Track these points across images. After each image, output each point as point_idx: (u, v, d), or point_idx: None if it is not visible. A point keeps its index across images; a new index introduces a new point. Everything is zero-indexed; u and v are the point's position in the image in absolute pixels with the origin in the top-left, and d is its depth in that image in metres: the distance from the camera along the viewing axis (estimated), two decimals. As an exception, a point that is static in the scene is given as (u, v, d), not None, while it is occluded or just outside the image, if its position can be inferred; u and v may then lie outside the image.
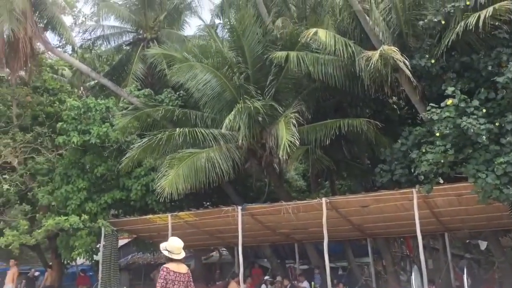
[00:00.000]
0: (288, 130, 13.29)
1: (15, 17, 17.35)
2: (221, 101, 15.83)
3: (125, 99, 18.46)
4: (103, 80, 20.21)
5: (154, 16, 21.94)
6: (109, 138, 16.90)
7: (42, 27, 20.00)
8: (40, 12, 19.65)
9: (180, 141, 14.84)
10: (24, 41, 18.00)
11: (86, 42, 23.07)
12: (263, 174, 17.17)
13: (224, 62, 15.96)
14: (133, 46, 22.18)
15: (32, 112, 19.98)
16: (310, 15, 17.07)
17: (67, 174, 17.66)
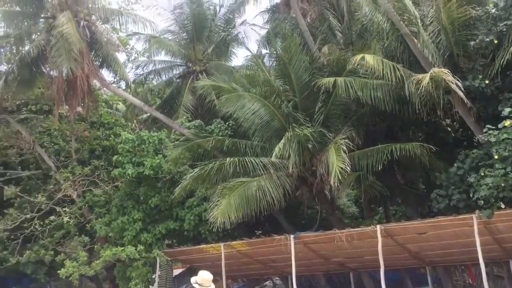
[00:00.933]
0: (338, 156, 13.15)
1: (73, 57, 18.23)
2: (270, 130, 15.94)
3: (176, 131, 18.97)
4: (155, 113, 20.86)
5: (203, 49, 22.60)
6: (162, 170, 17.31)
7: (98, 65, 21.00)
8: (96, 51, 20.67)
9: (231, 170, 14.96)
10: (81, 79, 18.93)
11: (139, 77, 24.04)
12: (315, 201, 17.02)
13: (272, 91, 16.09)
14: (183, 79, 22.85)
15: (90, 146, 20.86)
16: (356, 41, 17.02)
17: (123, 206, 18.15)
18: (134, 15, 21.08)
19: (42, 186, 19.95)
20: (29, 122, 21.26)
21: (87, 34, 19.79)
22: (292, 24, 19.39)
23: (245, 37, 23.80)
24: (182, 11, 22.73)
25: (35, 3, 19.79)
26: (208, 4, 23.46)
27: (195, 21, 22.27)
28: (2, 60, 21.27)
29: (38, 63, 20.01)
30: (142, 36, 22.97)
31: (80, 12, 19.63)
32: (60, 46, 18.06)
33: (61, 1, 19.53)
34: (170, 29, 23.34)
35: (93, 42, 20.37)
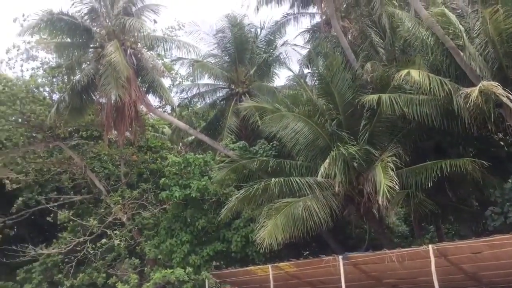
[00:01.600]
0: (386, 174, 12.90)
1: (121, 84, 18.83)
2: (314, 149, 15.86)
3: (221, 153, 19.18)
4: (200, 136, 21.21)
5: (245, 71, 22.92)
6: (208, 191, 17.49)
7: (144, 90, 21.63)
8: (142, 77, 21.32)
9: (276, 191, 14.94)
10: (129, 105, 19.52)
11: (184, 100, 24.61)
12: (362, 220, 16.70)
13: (315, 110, 16.06)
14: (226, 101, 23.18)
15: (138, 170, 21.38)
16: (399, 56, 16.79)
17: (171, 228, 18.40)
18: (178, 41, 21.63)
19: (94, 209, 20.55)
20: (81, 148, 22.05)
21: (133, 62, 20.47)
22: (333, 42, 19.41)
23: (287, 57, 24.02)
24: (224, 35, 23.24)
25: (85, 34, 20.65)
26: (249, 27, 23.92)
27: (237, 44, 22.70)
28: (55, 89, 22.27)
29: (88, 91, 20.81)
30: (186, 61, 23.55)
31: (126, 41, 20.34)
32: (108, 74, 18.72)
33: (109, 31, 20.30)
34: (213, 53, 23.88)
35: (139, 69, 21.03)
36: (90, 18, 20.66)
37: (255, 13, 23.51)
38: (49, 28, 20.08)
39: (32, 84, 21.34)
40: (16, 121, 21.50)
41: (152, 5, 20.97)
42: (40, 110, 20.79)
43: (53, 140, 21.44)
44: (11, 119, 21.12)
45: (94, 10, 20.41)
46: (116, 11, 20.20)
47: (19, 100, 20.38)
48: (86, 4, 20.25)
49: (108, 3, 20.44)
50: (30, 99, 20.79)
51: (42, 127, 21.05)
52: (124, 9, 20.32)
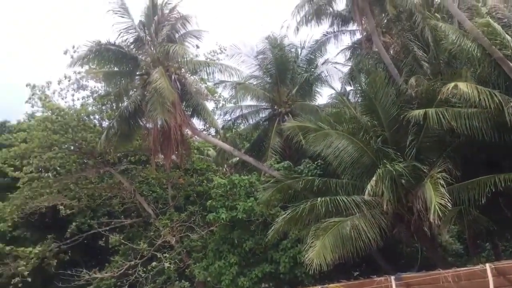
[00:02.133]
0: (436, 191, 12.53)
1: (166, 109, 19.32)
2: (360, 167, 15.62)
3: (266, 173, 19.21)
4: (244, 157, 21.38)
5: (287, 91, 23.01)
6: (254, 212, 17.52)
7: (189, 114, 22.09)
8: (187, 101, 21.81)
9: (323, 210, 14.74)
10: (175, 129, 19.98)
11: (227, 123, 24.93)
12: (414, 239, 16.21)
13: (359, 127, 15.85)
14: (269, 121, 23.30)
15: (185, 193, 21.75)
16: (444, 69, 16.44)
17: (219, 250, 18.49)
18: (220, 64, 22.06)
19: (143, 233, 20.99)
20: (129, 172, 22.67)
21: (178, 87, 20.97)
22: (375, 58, 19.26)
23: (328, 75, 23.94)
24: (265, 56, 23.51)
25: (131, 62, 21.41)
26: (289, 47, 24.07)
27: (278, 64, 22.89)
28: (104, 117, 23.08)
29: (135, 117, 21.45)
30: (228, 84, 23.90)
31: (171, 67, 20.93)
32: (154, 100, 19.25)
33: (154, 58, 20.96)
34: (255, 74, 24.15)
35: (184, 93, 21.52)
36: (136, 46, 21.41)
37: (295, 33, 23.71)
38: (98, 58, 20.91)
39: (83, 113, 22.22)
40: (69, 149, 22.40)
41: (194, 31, 21.54)
42: (91, 137, 21.58)
43: (104, 165, 22.16)
44: (64, 147, 22.04)
45: (139, 39, 21.14)
46: (160, 39, 20.84)
47: (71, 128, 21.24)
48: (132, 33, 21.03)
49: (153, 31, 21.11)
50: (81, 127, 21.64)
51: (93, 153, 21.83)
52: (167, 36, 20.93)
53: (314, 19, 22.40)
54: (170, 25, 21.19)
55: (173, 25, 21.29)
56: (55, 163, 21.34)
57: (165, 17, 21.48)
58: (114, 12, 20.53)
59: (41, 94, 21.72)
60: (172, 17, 21.54)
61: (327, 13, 22.92)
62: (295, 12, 22.41)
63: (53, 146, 21.33)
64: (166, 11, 21.60)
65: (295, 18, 22.70)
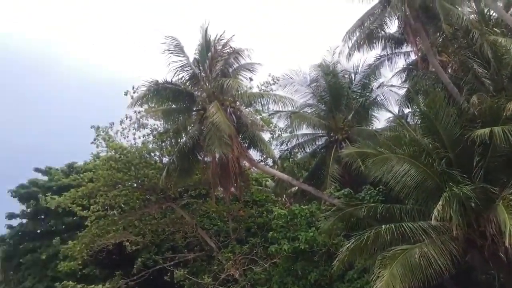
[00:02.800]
0: (510, 213, 11.84)
1: (224, 142, 19.62)
2: (424, 191, 15.07)
3: (326, 202, 18.91)
4: (303, 186, 21.22)
5: (343, 117, 22.79)
6: (317, 242, 17.23)
7: (246, 146, 22.28)
8: (243, 133, 22.04)
9: (388, 238, 14.22)
10: (232, 162, 20.21)
11: (284, 152, 24.89)
12: (489, 265, 15.26)
13: (421, 150, 15.37)
14: (326, 149, 23.07)
15: (245, 225, 21.80)
16: (508, 85, 15.73)
17: (283, 282, 18.24)
18: (274, 95, 22.26)
19: (207, 267, 21.13)
20: (191, 206, 23.06)
21: (234, 120, 21.31)
22: (433, 79, 18.78)
23: (384, 99, 23.57)
24: (318, 84, 23.51)
25: (187, 99, 22.04)
26: (342, 73, 23.95)
27: (332, 91, 22.79)
28: (164, 153, 23.73)
29: (194, 152, 21.88)
30: (283, 113, 23.97)
31: (226, 101, 21.33)
32: (212, 134, 19.62)
33: (209, 93, 21.45)
34: (309, 102, 24.13)
35: (240, 125, 21.79)
36: (192, 83, 22.05)
37: (347, 59, 23.58)
38: (156, 97, 21.67)
39: (144, 150, 22.97)
40: (132, 186, 23.14)
41: (247, 64, 21.91)
42: (152, 174, 22.21)
43: (165, 201, 22.68)
44: (128, 184, 22.78)
45: (194, 76, 21.76)
46: (215, 74, 21.37)
47: (134, 166, 22.00)
48: (187, 71, 21.69)
49: (207, 68, 21.69)
50: (143, 164, 22.35)
51: (155, 189, 22.42)
52: (221, 71, 21.43)
53: (366, 43, 22.20)
54: (223, 60, 21.69)
55: (226, 60, 21.78)
56: (120, 201, 22.09)
57: (218, 52, 22.03)
58: (169, 51, 21.31)
59: (105, 134, 22.71)
60: (225, 52, 22.05)
61: (379, 37, 22.68)
62: (346, 38, 22.35)
63: (118, 184, 22.13)
64: (219, 47, 22.14)
65: (346, 44, 22.66)
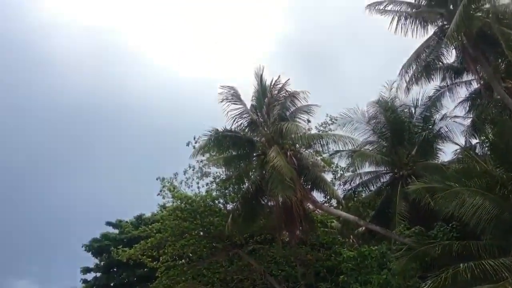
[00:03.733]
0: None
1: (286, 185, 19.57)
2: (502, 224, 14.34)
3: (397, 241, 18.21)
4: (370, 226, 20.64)
5: (406, 152, 22.18)
6: (391, 285, 16.50)
7: (308, 188, 22.11)
8: (305, 175, 21.92)
9: (468, 277, 13.44)
10: (296, 205, 20.03)
11: (348, 192, 24.35)
12: None
13: (494, 181, 14.72)
14: (391, 186, 22.40)
15: (314, 269, 21.28)
16: None
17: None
18: (333, 135, 22.14)
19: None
20: (257, 252, 22.93)
21: (294, 162, 21.26)
22: (499, 106, 18.06)
23: (448, 131, 22.81)
24: (378, 120, 23.16)
25: (247, 145, 22.37)
26: (401, 108, 23.52)
27: (392, 127, 22.38)
28: (228, 200, 23.98)
29: (257, 197, 21.97)
30: (344, 153, 23.65)
31: (285, 144, 21.44)
32: (274, 178, 19.66)
33: (268, 138, 21.69)
34: (369, 140, 23.72)
35: (301, 168, 21.71)
36: (250, 129, 22.43)
37: (405, 94, 23.24)
38: (217, 146, 22.14)
39: (208, 198, 23.34)
40: (198, 234, 23.41)
41: (304, 106, 22.13)
42: (218, 221, 22.44)
43: (232, 248, 22.72)
44: (194, 233, 23.10)
45: (253, 122, 22.15)
46: (272, 119, 21.68)
47: (199, 214, 22.37)
48: (245, 118, 22.14)
49: (264, 113, 22.08)
50: (208, 212, 22.67)
51: (221, 237, 22.58)
52: (279, 115, 21.73)
53: (424, 76, 21.89)
54: (280, 104, 22.04)
55: (283, 104, 22.11)
56: (188, 250, 22.39)
57: (275, 97, 22.41)
58: (227, 100, 21.92)
59: (170, 185, 23.35)
60: (281, 96, 22.42)
61: (437, 68, 22.31)
62: (402, 73, 22.16)
63: (184, 234, 22.50)
64: (275, 92, 22.55)
65: (403, 79, 22.41)
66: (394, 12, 22.40)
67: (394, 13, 22.37)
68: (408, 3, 22.59)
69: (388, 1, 22.49)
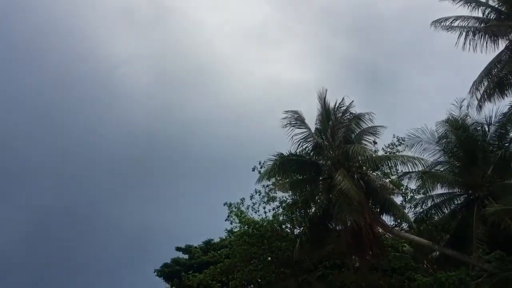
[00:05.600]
0: None
1: (354, 209, 19.16)
2: None
3: (475, 266, 17.22)
4: (446, 251, 19.69)
5: (481, 172, 21.15)
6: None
7: (377, 211, 21.49)
8: (373, 199, 21.35)
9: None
10: (365, 229, 19.50)
11: (419, 215, 23.43)
12: None
13: None
14: (467, 208, 21.38)
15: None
16: None
17: None
18: (401, 156, 21.48)
19: None
20: (326, 278, 22.43)
21: (362, 185, 20.79)
22: None
23: (529, 147, 21.47)
24: (448, 140, 22.29)
25: (313, 168, 22.17)
26: (474, 126, 22.50)
27: (464, 146, 21.47)
28: (295, 224, 23.78)
29: (324, 221, 21.62)
30: (413, 174, 22.85)
31: (352, 167, 21.07)
32: (341, 202, 19.33)
33: (334, 161, 21.40)
34: (440, 160, 22.80)
35: (369, 191, 21.18)
36: (316, 153, 22.21)
37: (477, 111, 22.24)
38: (282, 170, 22.10)
39: (275, 223, 23.28)
40: (266, 260, 23.33)
41: (370, 128, 21.71)
42: (285, 246, 22.30)
43: (301, 273, 22.42)
44: (262, 258, 23.05)
45: (318, 145, 21.94)
46: (338, 142, 21.39)
47: (266, 239, 22.32)
48: (310, 142, 22.00)
49: (329, 136, 21.82)
50: (275, 237, 22.60)
51: (289, 262, 22.38)
52: (344, 138, 21.42)
53: (496, 92, 20.89)
54: (345, 127, 21.73)
55: (347, 126, 21.79)
56: (256, 276, 22.34)
57: (339, 120, 22.15)
58: (291, 125, 21.91)
59: (237, 210, 23.54)
60: (345, 118, 22.12)
61: (511, 83, 21.21)
62: (473, 90, 21.31)
63: (253, 259, 22.49)
64: (339, 114, 22.31)
65: (474, 96, 21.53)
66: (461, 27, 21.73)
67: (462, 28, 21.70)
68: (476, 18, 21.83)
69: (455, 16, 21.85)
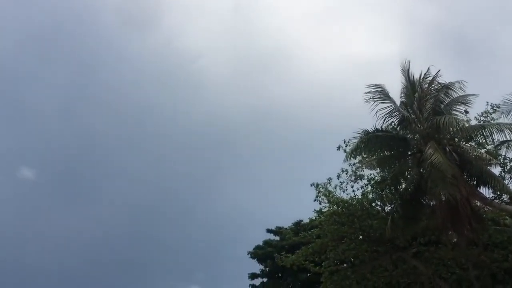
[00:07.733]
0: None
1: (448, 182, 18.31)
2: None
3: None
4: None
5: None
6: None
7: (473, 184, 20.39)
8: (468, 171, 20.24)
9: None
10: (462, 203, 18.61)
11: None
12: None
13: None
14: None
15: (489, 271, 19.54)
16: None
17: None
18: (497, 124, 20.17)
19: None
20: (422, 255, 21.77)
21: (455, 158, 19.82)
22: None
23: None
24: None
25: (400, 143, 21.43)
26: None
27: None
28: (385, 202, 23.24)
29: (416, 197, 20.87)
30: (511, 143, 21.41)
31: (443, 139, 20.11)
32: (433, 176, 18.56)
33: (423, 134, 20.52)
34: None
35: (462, 163, 20.14)
36: (402, 127, 21.45)
37: None
38: (368, 147, 21.59)
39: (365, 201, 22.90)
40: (358, 238, 23.09)
41: (460, 97, 20.58)
42: (377, 224, 21.87)
43: (395, 251, 21.94)
44: (353, 237, 22.84)
45: (404, 119, 21.15)
46: (426, 114, 20.49)
47: (357, 218, 22.06)
48: (395, 116, 21.25)
49: (416, 109, 20.93)
50: (365, 215, 22.24)
51: (381, 240, 21.96)
52: (432, 109, 20.46)
53: None
54: (432, 98, 20.75)
55: (435, 97, 20.77)
56: (349, 255, 22.21)
57: (426, 91, 21.18)
58: (375, 99, 21.30)
59: (325, 191, 23.44)
60: (433, 89, 21.11)
61: None
62: None
63: (344, 238, 22.36)
64: (425, 85, 21.34)
65: None
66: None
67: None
68: None
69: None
